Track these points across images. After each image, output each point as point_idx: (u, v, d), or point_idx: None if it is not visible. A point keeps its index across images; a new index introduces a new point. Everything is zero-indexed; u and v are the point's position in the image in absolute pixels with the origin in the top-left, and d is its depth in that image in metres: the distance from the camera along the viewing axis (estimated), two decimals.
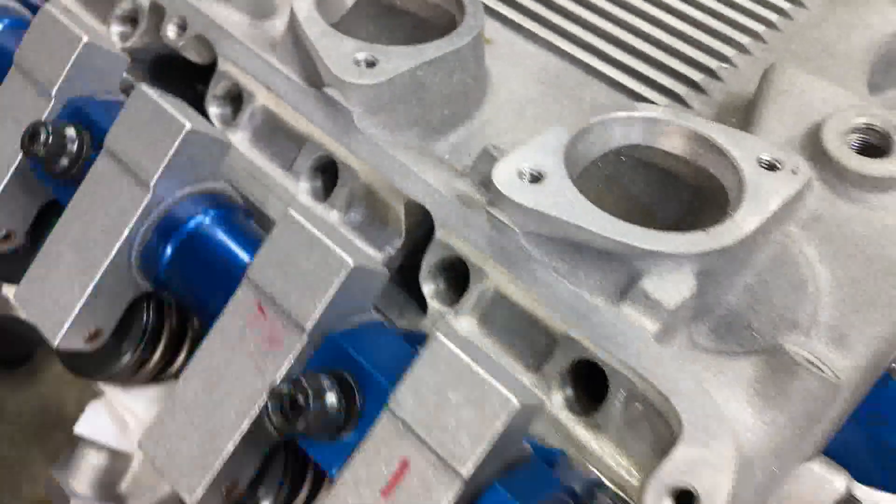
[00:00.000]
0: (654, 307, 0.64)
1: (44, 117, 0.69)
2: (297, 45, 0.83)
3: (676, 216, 0.80)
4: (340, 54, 0.79)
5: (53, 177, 0.68)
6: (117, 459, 1.03)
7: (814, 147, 0.74)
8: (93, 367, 0.71)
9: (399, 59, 0.79)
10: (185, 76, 0.94)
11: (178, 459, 0.58)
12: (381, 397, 0.52)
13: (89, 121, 0.69)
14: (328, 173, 0.83)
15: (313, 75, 0.81)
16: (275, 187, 0.83)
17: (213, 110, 0.89)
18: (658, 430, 0.64)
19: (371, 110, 0.78)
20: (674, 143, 0.76)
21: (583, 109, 0.90)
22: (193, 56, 0.91)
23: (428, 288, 0.74)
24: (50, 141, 0.65)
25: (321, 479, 0.65)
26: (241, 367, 0.57)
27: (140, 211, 0.63)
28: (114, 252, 0.64)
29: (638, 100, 0.90)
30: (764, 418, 0.63)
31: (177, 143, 0.62)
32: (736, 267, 0.68)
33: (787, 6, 0.98)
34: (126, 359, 0.70)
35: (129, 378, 0.73)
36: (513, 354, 0.71)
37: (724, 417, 0.61)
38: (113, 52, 0.76)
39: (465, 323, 0.73)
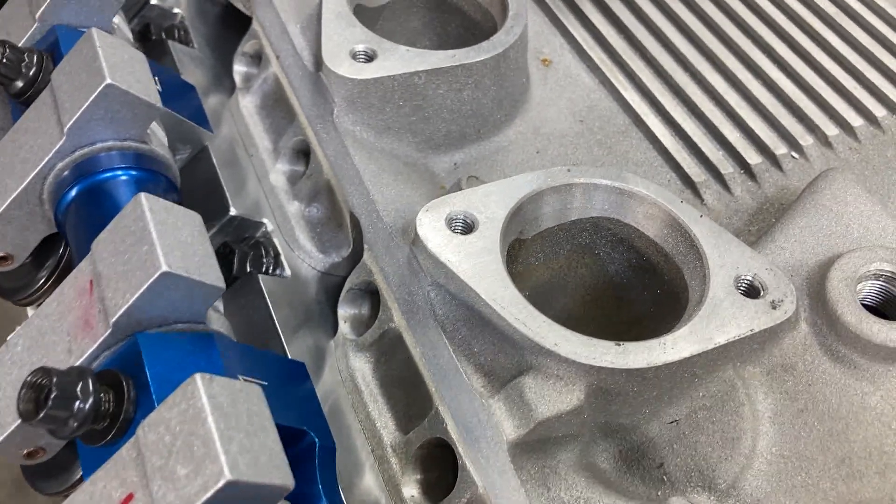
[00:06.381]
0: (523, 411, 0.55)
1: (22, 42, 0.69)
2: (318, 21, 0.79)
3: (646, 308, 0.68)
4: (342, 41, 0.74)
5: (12, 97, 0.69)
6: None
7: (819, 285, 0.60)
8: (10, 289, 0.72)
9: (400, 61, 0.73)
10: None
11: None
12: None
13: (60, 51, 0.68)
14: (308, 160, 0.79)
15: (317, 56, 0.77)
16: (257, 161, 0.81)
17: (238, 67, 0.87)
18: None
19: (353, 106, 0.72)
20: (652, 227, 0.65)
21: (612, 162, 0.79)
22: (239, 3, 0.89)
23: (342, 310, 0.69)
24: (5, 61, 0.66)
25: None
26: (58, 342, 0.54)
27: (53, 152, 0.62)
28: (24, 184, 0.64)
29: (674, 167, 0.78)
30: None
31: (94, 95, 0.60)
32: (652, 393, 0.57)
33: None
34: (38, 284, 0.71)
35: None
36: (390, 408, 0.64)
37: None
38: None
39: (360, 360, 0.67)
